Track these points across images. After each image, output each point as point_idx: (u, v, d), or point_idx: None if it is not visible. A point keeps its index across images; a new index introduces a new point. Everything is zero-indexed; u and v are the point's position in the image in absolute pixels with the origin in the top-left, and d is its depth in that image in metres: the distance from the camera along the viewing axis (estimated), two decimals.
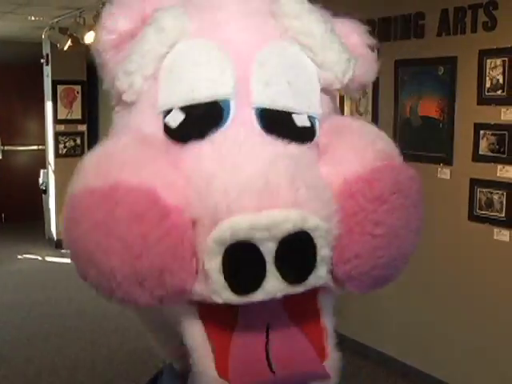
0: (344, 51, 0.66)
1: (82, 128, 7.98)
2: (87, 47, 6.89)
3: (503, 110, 3.58)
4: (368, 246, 0.57)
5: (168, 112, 0.62)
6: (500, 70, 3.56)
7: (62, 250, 7.68)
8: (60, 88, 7.78)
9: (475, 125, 3.73)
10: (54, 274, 6.84)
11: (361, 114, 4.54)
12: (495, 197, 3.65)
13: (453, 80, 3.86)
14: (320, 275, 0.57)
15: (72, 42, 6.55)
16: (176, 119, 0.61)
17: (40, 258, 7.49)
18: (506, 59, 3.53)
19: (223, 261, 0.54)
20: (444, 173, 3.95)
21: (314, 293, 0.60)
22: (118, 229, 0.55)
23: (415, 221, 0.61)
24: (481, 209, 3.73)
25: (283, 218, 0.53)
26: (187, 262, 0.55)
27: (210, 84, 0.62)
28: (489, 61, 3.61)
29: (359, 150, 0.60)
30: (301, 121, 0.62)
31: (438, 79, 3.96)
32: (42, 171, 8.22)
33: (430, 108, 4.03)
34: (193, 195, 0.56)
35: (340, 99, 4.68)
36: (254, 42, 0.63)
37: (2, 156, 9.33)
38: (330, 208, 0.56)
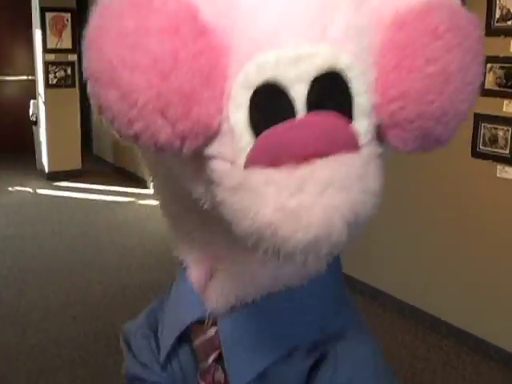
0: None
1: (73, 57, 7.74)
2: None
3: None
4: (417, 85, 0.50)
5: None
6: None
7: (54, 183, 7.59)
8: (49, 16, 7.50)
9: None
10: (46, 207, 6.75)
11: None
12: (500, 133, 3.53)
13: None
14: (361, 130, 0.50)
15: None
16: None
17: (31, 191, 7.39)
18: None
19: (250, 111, 0.48)
20: None
21: None
22: (147, 41, 0.47)
23: (474, 70, 0.53)
24: (484, 145, 3.62)
25: (313, 51, 0.47)
26: (216, 94, 0.48)
27: None
28: None
29: None
30: None
31: None
32: (32, 102, 8.03)
33: None
34: (231, 19, 0.49)
35: None
36: None
37: None
38: (369, 51, 0.50)
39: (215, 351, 0.70)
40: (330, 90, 0.48)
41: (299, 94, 0.47)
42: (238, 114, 0.48)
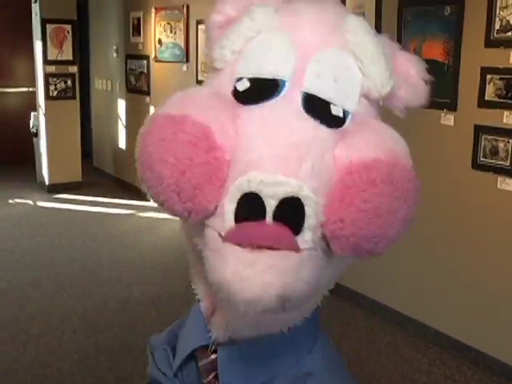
0: (387, 70, 0.82)
1: (73, 69, 7.76)
2: None
3: None
4: (352, 216, 0.70)
5: (239, 79, 0.81)
6: (511, 9, 3.38)
7: (54, 195, 7.58)
8: (50, 27, 7.52)
9: (482, 68, 3.57)
10: (46, 219, 6.74)
11: None
12: (500, 144, 3.52)
13: (459, 21, 3.67)
14: (305, 239, 0.71)
15: None
16: (243, 85, 0.80)
17: (31, 203, 7.38)
18: None
19: (237, 206, 0.70)
20: (448, 119, 3.80)
21: None
22: (175, 147, 0.72)
23: (403, 211, 0.73)
24: (485, 157, 3.60)
25: (285, 181, 0.69)
26: (215, 189, 0.72)
27: (275, 66, 0.79)
28: (499, 0, 3.42)
29: (370, 143, 0.74)
30: (336, 111, 0.78)
31: (444, 20, 3.77)
32: (32, 114, 8.03)
33: (434, 50, 3.85)
34: (237, 145, 0.73)
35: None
36: (318, 45, 0.81)
37: None
38: (325, 184, 0.72)
39: (215, 371, 0.88)
40: (291, 209, 0.70)
41: (270, 206, 0.69)
42: (229, 206, 0.71)
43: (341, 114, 0.79)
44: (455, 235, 3.87)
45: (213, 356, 0.89)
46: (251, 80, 0.80)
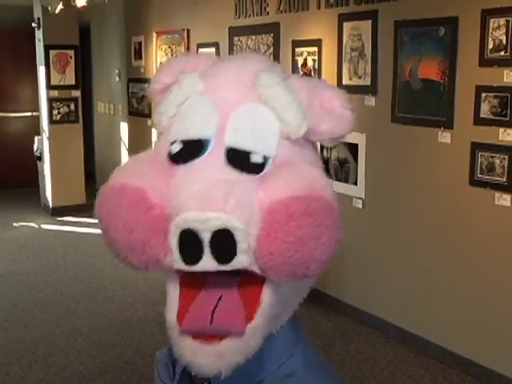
0: (300, 113, 0.92)
1: (76, 93, 7.87)
2: (79, 10, 6.75)
3: (506, 71, 3.49)
4: (279, 248, 0.81)
5: (173, 142, 0.91)
6: (503, 30, 3.46)
7: (58, 218, 7.64)
8: (53, 53, 7.65)
9: (477, 87, 3.65)
10: (50, 241, 6.80)
11: (359, 77, 4.44)
12: (497, 161, 3.58)
13: (454, 41, 3.76)
14: (240, 261, 0.81)
15: (63, 4, 6.40)
16: (175, 148, 0.90)
17: (36, 226, 7.44)
18: (510, 19, 3.43)
19: (179, 241, 0.82)
20: (444, 136, 3.87)
21: (261, 281, 0.86)
22: (121, 212, 0.84)
23: (326, 236, 0.83)
24: (482, 173, 3.67)
25: (214, 216, 0.80)
26: (160, 241, 0.84)
27: (199, 127, 0.91)
28: (492, 20, 3.51)
29: (287, 181, 0.85)
30: (255, 158, 0.88)
31: (439, 40, 3.86)
32: (36, 138, 8.13)
33: (430, 70, 3.94)
34: (169, 197, 0.85)
35: (338, 63, 4.59)
36: (237, 101, 0.92)
37: None
38: (251, 217, 0.82)
39: (207, 380, 1.00)
40: (223, 238, 0.80)
41: (205, 238, 0.80)
42: (172, 241, 0.82)
43: (260, 161, 0.89)
44: (454, 251, 3.91)
45: None
46: (183, 142, 0.91)
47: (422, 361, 4.09)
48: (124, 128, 7.97)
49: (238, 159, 0.88)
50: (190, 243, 0.82)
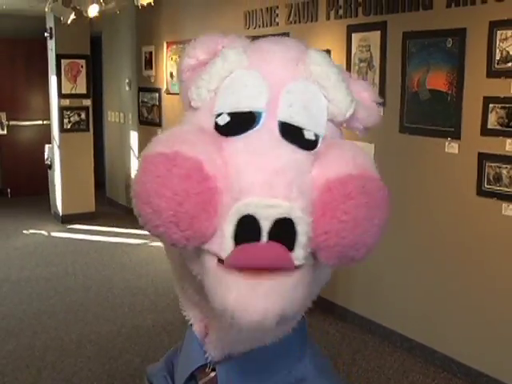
0: (349, 95, 0.91)
1: (87, 102, 7.94)
2: (91, 21, 6.83)
3: None
4: (335, 227, 0.78)
5: (219, 115, 0.88)
6: (511, 41, 3.49)
7: (68, 225, 7.70)
8: (64, 62, 7.73)
9: (484, 98, 3.67)
10: (60, 249, 6.85)
11: None
12: (504, 171, 3.60)
13: (462, 52, 3.79)
14: (297, 256, 0.77)
15: (75, 15, 6.48)
16: (223, 120, 0.87)
17: (46, 233, 7.50)
18: None
19: (235, 229, 0.76)
20: (452, 147, 3.90)
21: None
22: (171, 182, 0.78)
23: (378, 218, 0.83)
24: (489, 183, 3.69)
25: (278, 204, 0.77)
26: (211, 216, 0.78)
27: (250, 99, 0.87)
28: (499, 32, 3.54)
29: (342, 160, 0.84)
30: (308, 135, 0.87)
31: (447, 51, 3.89)
32: (47, 146, 8.21)
33: (438, 81, 3.97)
34: (227, 174, 0.80)
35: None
36: (286, 77, 0.90)
37: (7, 131, 9.33)
38: (311, 207, 0.79)
39: None
40: (284, 228, 0.77)
41: (265, 227, 0.76)
42: (228, 228, 0.77)
43: (313, 138, 0.87)
44: (462, 261, 3.93)
45: (212, 374, 0.96)
46: (230, 114, 0.87)
47: (429, 370, 4.09)
48: (134, 137, 8.03)
49: (293, 134, 0.85)
50: (246, 231, 0.77)
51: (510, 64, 3.52)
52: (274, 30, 5.26)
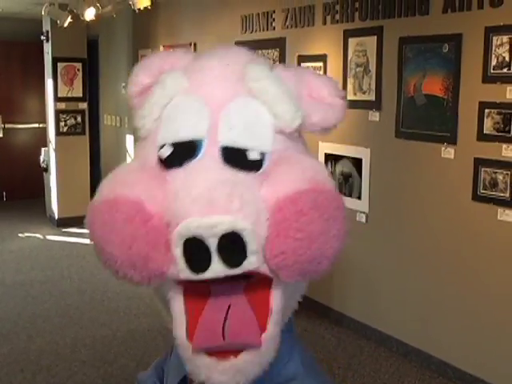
0: (293, 105, 0.89)
1: (83, 106, 7.94)
2: (88, 24, 6.83)
3: (509, 88, 3.52)
4: (291, 246, 0.78)
5: (162, 146, 0.87)
6: (507, 47, 3.50)
7: (63, 229, 7.68)
8: (60, 65, 7.73)
9: (480, 103, 3.68)
10: (55, 252, 6.84)
11: (364, 93, 4.48)
12: (500, 177, 3.61)
13: (458, 58, 3.80)
14: (251, 262, 0.78)
15: (72, 18, 6.48)
16: (166, 152, 0.87)
17: (41, 237, 7.49)
18: None
19: (183, 249, 0.78)
20: (448, 152, 3.90)
21: (268, 285, 0.83)
22: (116, 227, 0.79)
23: (335, 229, 0.81)
24: (485, 189, 3.69)
25: (219, 220, 0.76)
26: (162, 252, 0.79)
27: (190, 128, 0.87)
28: (495, 38, 3.55)
29: (290, 177, 0.82)
30: (253, 155, 0.85)
31: (443, 57, 3.90)
32: (42, 149, 8.19)
33: (434, 86, 3.97)
34: (167, 205, 0.81)
35: (343, 78, 4.63)
36: (226, 97, 0.88)
37: (3, 134, 9.30)
38: (258, 216, 0.79)
39: None
40: (233, 241, 0.77)
41: (212, 243, 0.76)
42: (176, 250, 0.78)
43: (258, 157, 0.86)
44: (458, 266, 3.93)
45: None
46: (173, 145, 0.87)
47: (424, 375, 4.09)
48: (130, 140, 8.02)
49: (235, 158, 0.85)
50: (196, 251, 0.77)
51: (505, 69, 3.53)
52: (271, 35, 5.27)
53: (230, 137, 0.86)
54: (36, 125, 9.31)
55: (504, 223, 3.63)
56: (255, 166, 0.85)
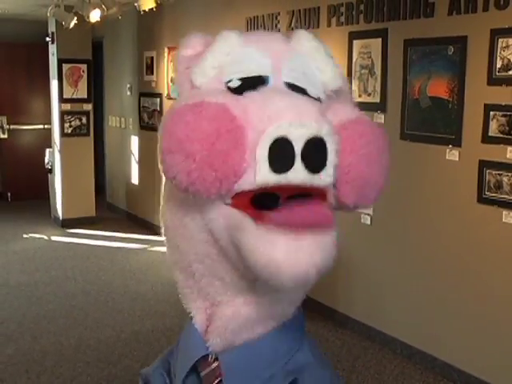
0: (338, 67, 1.00)
1: (88, 107, 7.95)
2: (93, 25, 6.84)
3: None
4: (355, 160, 0.88)
5: (229, 81, 0.93)
6: None
7: (68, 230, 7.70)
8: (65, 67, 7.74)
9: (485, 106, 3.68)
10: (60, 253, 6.85)
11: (369, 95, 4.48)
12: (504, 179, 3.61)
13: (463, 60, 3.79)
14: (328, 173, 0.84)
15: (77, 20, 6.49)
16: (234, 84, 0.92)
17: (45, 238, 7.50)
18: None
19: (269, 152, 0.81)
20: (453, 154, 3.90)
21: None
22: (201, 125, 0.82)
23: (384, 160, 0.93)
24: (490, 191, 3.69)
25: (309, 122, 0.82)
26: (243, 151, 0.83)
27: (257, 67, 0.94)
28: (500, 40, 3.54)
29: (347, 109, 0.95)
30: (312, 94, 0.94)
31: (448, 59, 3.89)
32: (47, 150, 8.21)
33: (439, 88, 3.97)
34: (247, 115, 0.85)
35: (348, 80, 4.60)
36: (283, 50, 0.98)
37: (8, 135, 9.34)
38: (333, 129, 0.87)
39: (217, 378, 0.97)
40: (316, 147, 0.83)
41: (298, 146, 0.81)
42: (262, 152, 0.82)
43: (316, 97, 0.94)
44: (462, 268, 3.93)
45: (214, 364, 0.98)
46: (241, 79, 0.93)
47: (428, 378, 4.09)
48: (134, 142, 8.04)
49: (300, 91, 0.92)
50: (281, 152, 0.82)
51: (511, 72, 3.53)
52: None
53: (292, 76, 0.94)
54: (41, 126, 9.34)
55: (509, 225, 3.62)
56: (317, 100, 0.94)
